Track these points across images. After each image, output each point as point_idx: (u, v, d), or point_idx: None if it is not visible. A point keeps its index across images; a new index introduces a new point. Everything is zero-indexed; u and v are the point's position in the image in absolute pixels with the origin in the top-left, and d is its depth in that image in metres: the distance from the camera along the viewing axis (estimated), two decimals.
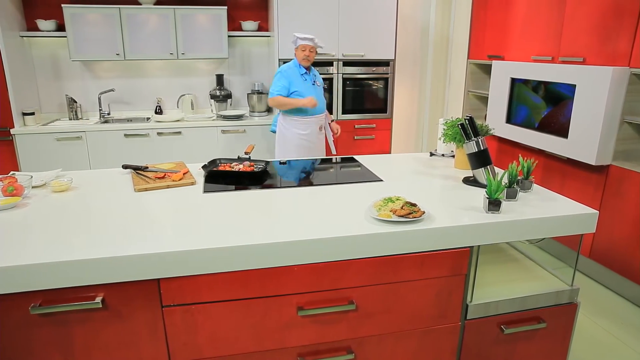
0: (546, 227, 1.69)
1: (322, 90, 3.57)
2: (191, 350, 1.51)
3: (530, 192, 1.96)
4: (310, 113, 3.44)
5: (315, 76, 3.55)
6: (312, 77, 3.51)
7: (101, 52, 3.99)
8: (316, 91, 3.48)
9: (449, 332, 1.73)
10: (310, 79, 3.49)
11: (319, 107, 3.47)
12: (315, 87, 3.49)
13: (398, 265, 1.59)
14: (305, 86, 3.42)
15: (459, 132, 2.17)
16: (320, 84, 3.56)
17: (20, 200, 1.82)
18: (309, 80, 3.46)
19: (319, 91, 3.52)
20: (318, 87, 3.52)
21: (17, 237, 1.48)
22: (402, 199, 1.73)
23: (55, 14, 4.01)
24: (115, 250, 1.38)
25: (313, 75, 3.53)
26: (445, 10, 4.97)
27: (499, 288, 1.85)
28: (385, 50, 4.36)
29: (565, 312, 1.86)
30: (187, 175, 2.15)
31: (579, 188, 3.05)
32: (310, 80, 3.47)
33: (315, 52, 3.44)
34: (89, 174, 2.24)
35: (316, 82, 3.51)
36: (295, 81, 3.39)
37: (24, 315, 1.36)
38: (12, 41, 3.75)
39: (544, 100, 3.20)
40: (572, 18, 2.98)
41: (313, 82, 3.49)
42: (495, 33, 3.79)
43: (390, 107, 4.56)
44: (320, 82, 3.58)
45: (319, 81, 3.56)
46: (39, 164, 3.78)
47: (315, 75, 3.56)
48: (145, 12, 3.97)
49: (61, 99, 4.28)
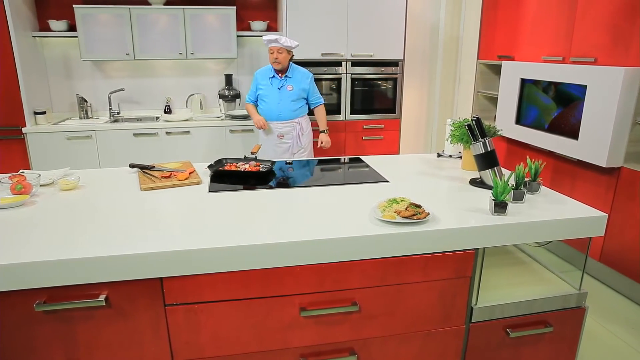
0: (553, 230, 1.66)
1: (292, 96, 3.33)
2: (193, 349, 1.52)
3: (537, 194, 1.94)
4: (269, 118, 3.33)
5: (288, 79, 3.31)
6: (284, 81, 3.31)
7: (111, 52, 4.02)
8: (279, 96, 3.29)
9: (453, 335, 1.72)
10: (279, 83, 3.30)
11: (277, 114, 3.30)
12: (281, 91, 3.29)
13: (402, 267, 1.58)
14: (269, 90, 3.29)
15: (466, 133, 2.15)
16: (292, 89, 3.32)
17: (28, 198, 1.84)
18: (275, 85, 3.30)
19: (285, 96, 3.31)
20: (289, 91, 3.31)
21: (23, 235, 1.49)
22: (406, 200, 1.71)
23: (66, 14, 4.06)
24: (119, 248, 1.39)
25: (286, 79, 3.31)
26: (455, 10, 4.94)
27: (505, 291, 1.83)
28: (394, 50, 4.34)
29: (572, 316, 1.83)
30: (193, 174, 2.16)
31: (589, 190, 3.01)
32: (277, 85, 3.30)
33: (287, 52, 3.24)
34: (97, 172, 2.26)
35: (287, 87, 3.30)
36: (262, 84, 3.32)
37: (29, 312, 1.38)
38: (24, 41, 3.80)
39: (554, 101, 3.16)
40: (583, 17, 2.94)
41: (280, 87, 3.29)
42: (505, 33, 3.75)
43: (399, 107, 4.54)
44: (296, 87, 3.33)
45: (292, 86, 3.32)
46: (50, 163, 3.82)
47: (290, 78, 3.32)
48: (155, 12, 4.00)
49: (72, 99, 4.33)
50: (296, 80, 3.35)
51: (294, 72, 3.36)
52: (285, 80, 3.32)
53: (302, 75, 3.38)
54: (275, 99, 3.30)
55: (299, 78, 3.35)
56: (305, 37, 4.12)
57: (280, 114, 3.32)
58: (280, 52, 3.21)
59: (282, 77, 3.31)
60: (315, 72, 4.23)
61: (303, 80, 3.37)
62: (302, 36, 4.11)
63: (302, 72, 3.40)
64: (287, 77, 3.32)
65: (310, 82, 3.42)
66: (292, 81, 3.34)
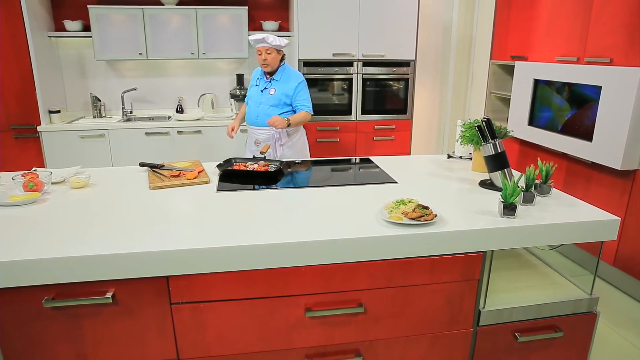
0: (563, 234, 1.63)
1: (272, 100, 2.97)
2: (199, 347, 1.52)
3: (549, 196, 1.91)
4: (249, 122, 3.09)
5: (274, 82, 2.99)
6: (268, 83, 3.00)
7: (125, 52, 4.07)
8: (260, 99, 3.00)
9: (460, 338, 1.70)
10: (263, 85, 3.01)
11: (255, 118, 3.01)
12: (263, 94, 2.99)
13: (409, 269, 1.57)
14: (254, 91, 3.05)
15: (476, 134, 2.12)
16: (273, 93, 2.97)
17: (40, 196, 1.87)
18: (260, 87, 3.02)
19: (265, 100, 2.98)
20: (270, 95, 2.97)
21: (34, 232, 1.51)
22: (414, 202, 1.70)
23: (81, 14, 4.11)
24: (126, 246, 1.40)
25: (271, 82, 3.00)
26: (469, 10, 4.89)
27: (514, 295, 1.80)
28: (406, 50, 4.32)
29: (583, 321, 1.80)
30: (202, 174, 2.17)
31: (603, 193, 2.95)
32: (262, 86, 3.01)
33: (277, 52, 2.93)
34: (107, 171, 2.29)
35: (269, 90, 2.97)
36: (252, 86, 3.10)
37: (38, 308, 1.40)
38: (40, 41, 3.86)
39: (568, 102, 3.11)
40: (598, 17, 2.89)
41: (264, 89, 3.00)
42: (518, 33, 3.71)
43: (411, 108, 4.51)
44: (279, 91, 2.97)
45: (275, 89, 2.97)
46: (64, 161, 3.88)
47: (277, 81, 2.99)
48: (167, 13, 4.04)
49: (86, 98, 4.39)
50: (282, 83, 2.99)
51: (283, 74, 3.01)
52: (271, 82, 3.01)
53: (290, 78, 3.01)
54: (255, 101, 3.02)
55: (285, 81, 2.99)
56: (317, 37, 4.12)
57: (258, 119, 3.01)
58: (269, 52, 2.91)
59: (268, 79, 3.02)
60: (326, 72, 4.24)
61: (289, 85, 2.99)
62: (313, 36, 4.12)
63: (292, 75, 3.02)
64: (274, 79, 3.00)
65: (298, 87, 3.00)
66: (278, 84, 2.99)
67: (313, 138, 4.37)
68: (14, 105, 3.83)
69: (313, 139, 4.37)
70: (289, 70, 3.05)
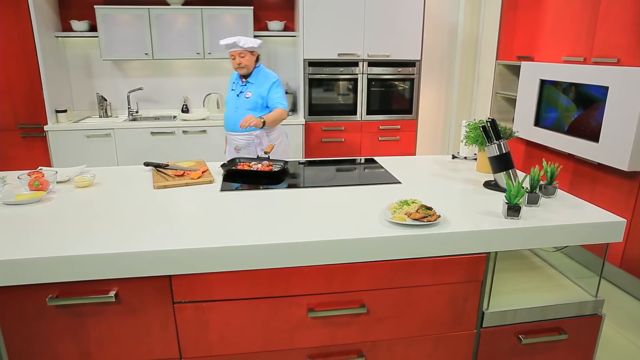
0: (568, 235, 1.62)
1: (248, 104, 2.90)
2: (201, 346, 1.53)
3: (554, 198, 1.89)
4: (227, 128, 3.02)
5: (249, 85, 2.91)
6: (244, 86, 2.92)
7: (131, 52, 4.09)
8: (236, 103, 2.93)
9: (463, 340, 1.69)
10: (239, 89, 2.93)
11: (233, 124, 2.92)
12: (239, 98, 2.92)
13: (411, 270, 1.56)
14: (230, 96, 2.98)
15: (481, 134, 2.11)
16: (249, 96, 2.90)
17: (45, 195, 1.88)
18: (236, 90, 2.96)
19: (241, 104, 2.91)
20: (246, 99, 2.90)
21: (38, 231, 1.52)
22: (417, 202, 1.69)
23: (88, 14, 4.14)
24: (129, 246, 1.41)
25: (246, 85, 2.92)
26: (475, 10, 4.87)
27: (518, 296, 1.79)
28: (412, 50, 4.31)
29: (588, 324, 1.78)
30: (206, 173, 2.18)
31: (610, 195, 2.93)
32: (237, 91, 2.94)
33: (251, 53, 2.85)
34: (112, 170, 2.30)
35: (245, 94, 2.90)
36: (229, 90, 3.02)
37: (42, 306, 1.41)
38: (47, 41, 3.89)
39: (575, 102, 3.09)
40: (606, 17, 2.86)
41: (239, 93, 2.92)
42: (525, 33, 3.68)
43: (416, 108, 4.50)
44: (254, 93, 2.89)
45: (251, 92, 2.90)
46: (70, 160, 3.90)
47: (252, 84, 2.91)
48: (173, 13, 4.05)
49: (92, 97, 4.41)
50: (257, 86, 2.91)
51: (258, 76, 2.92)
52: (246, 85, 2.92)
53: (264, 79, 2.92)
54: (232, 106, 2.95)
55: (260, 83, 2.91)
56: (322, 37, 4.12)
57: (235, 125, 2.91)
58: (243, 55, 2.82)
59: (243, 82, 2.93)
60: (331, 73, 4.24)
61: (264, 86, 2.90)
62: (318, 36, 4.11)
63: (266, 76, 2.94)
64: (249, 82, 2.92)
65: (272, 86, 2.91)
66: (253, 87, 2.91)
67: (318, 138, 4.37)
68: (21, 105, 3.86)
69: (318, 139, 4.37)
70: (264, 72, 2.97)
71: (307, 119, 4.32)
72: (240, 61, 2.83)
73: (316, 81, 4.27)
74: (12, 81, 3.80)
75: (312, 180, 2.19)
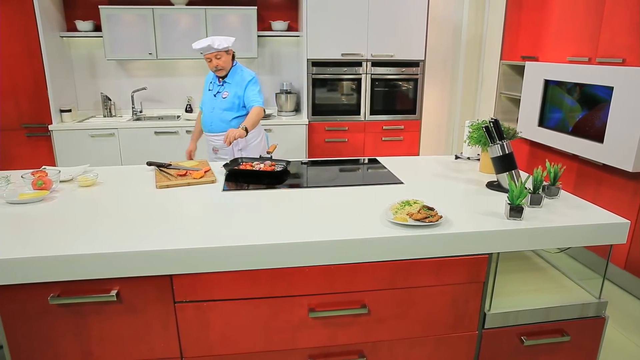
0: (571, 236, 1.61)
1: (225, 104, 2.82)
2: (202, 346, 1.53)
3: (557, 198, 1.88)
4: (204, 129, 2.95)
5: (226, 85, 2.83)
6: (220, 86, 2.85)
7: (135, 52, 4.10)
8: (213, 104, 2.86)
9: (465, 341, 1.68)
10: (216, 89, 2.86)
11: (210, 124, 2.87)
12: (216, 98, 2.85)
13: (413, 270, 1.56)
14: (207, 96, 2.91)
15: (484, 135, 2.10)
16: (226, 96, 2.82)
17: (48, 194, 1.89)
18: (213, 90, 2.88)
19: (218, 104, 2.84)
20: (223, 99, 2.83)
21: (41, 230, 1.53)
22: (419, 203, 1.69)
23: (92, 14, 4.16)
24: (130, 245, 1.41)
25: (223, 85, 2.84)
26: (479, 10, 4.85)
27: (520, 297, 1.78)
28: (415, 50, 4.30)
29: (591, 326, 1.77)
30: (208, 173, 2.18)
31: (614, 196, 2.91)
32: (214, 90, 2.87)
33: (226, 53, 2.76)
34: (115, 169, 2.31)
35: (222, 94, 2.82)
36: (205, 91, 2.95)
37: (44, 305, 1.41)
38: (52, 41, 3.91)
39: (579, 103, 3.07)
40: (611, 17, 2.84)
41: (216, 93, 2.85)
42: (529, 33, 3.67)
43: (420, 108, 4.49)
44: (231, 93, 2.81)
45: (228, 92, 2.82)
46: (74, 159, 3.92)
47: (229, 84, 2.83)
48: (177, 13, 4.06)
49: (97, 97, 4.43)
50: (234, 85, 2.83)
51: (235, 75, 2.85)
52: (223, 85, 2.85)
53: (241, 78, 2.84)
54: (209, 106, 2.88)
55: (237, 82, 2.84)
56: (326, 37, 4.12)
57: (212, 125, 2.87)
58: (219, 57, 2.73)
59: (220, 82, 2.85)
60: (335, 73, 4.23)
61: (240, 85, 2.82)
62: (322, 36, 4.11)
63: (243, 74, 2.86)
64: (226, 82, 2.84)
65: (247, 85, 2.83)
66: (230, 87, 2.83)
67: (321, 138, 4.37)
68: (26, 104, 3.88)
69: (321, 139, 4.37)
70: (241, 70, 2.88)
71: (311, 119, 4.32)
72: (217, 63, 2.75)
73: (320, 81, 4.27)
74: (17, 81, 3.82)
75: (314, 180, 2.19)
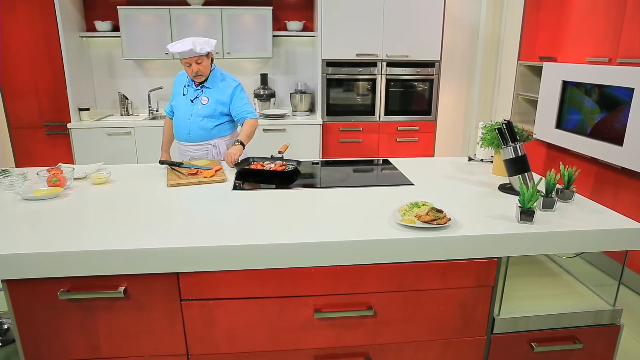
0: (583, 242, 1.57)
1: (205, 111, 2.57)
2: (208, 344, 1.54)
3: (571, 202, 1.84)
4: (179, 138, 2.69)
5: (206, 90, 2.58)
6: (199, 91, 2.59)
7: (152, 52, 4.16)
8: (190, 110, 2.58)
9: (473, 346, 1.66)
10: (193, 94, 2.60)
11: (187, 133, 2.61)
12: (194, 104, 2.58)
13: (420, 273, 1.54)
14: (181, 101, 2.63)
15: (496, 136, 2.07)
16: (206, 102, 2.57)
17: (62, 191, 1.92)
18: (189, 95, 2.61)
19: (197, 111, 2.58)
20: (202, 105, 2.57)
21: (52, 226, 1.56)
22: (428, 205, 1.67)
23: (111, 15, 4.23)
24: (138, 242, 1.43)
25: (202, 90, 2.59)
26: (497, 9, 4.78)
27: (531, 303, 1.74)
28: (431, 50, 4.25)
29: (605, 333, 1.73)
30: (219, 172, 2.19)
31: (634, 200, 2.83)
32: (191, 95, 2.60)
33: (207, 57, 2.51)
34: (128, 168, 2.34)
35: (201, 99, 2.56)
36: (177, 95, 2.68)
37: (53, 300, 1.44)
38: (72, 42, 3.99)
39: (598, 104, 3.00)
40: (633, 16, 2.77)
41: (194, 98, 2.58)
42: (548, 33, 3.60)
43: (435, 109, 4.44)
44: (212, 99, 2.57)
45: (207, 98, 2.57)
46: (92, 157, 3.99)
47: (209, 89, 2.59)
48: (193, 13, 4.10)
49: (114, 96, 4.50)
50: (215, 91, 2.59)
51: (216, 80, 2.61)
52: (202, 90, 2.60)
53: (225, 84, 2.61)
54: (185, 113, 2.60)
55: (219, 88, 2.60)
56: (341, 37, 4.11)
57: (190, 134, 2.60)
58: (199, 61, 2.49)
59: (198, 86, 2.60)
60: (350, 73, 4.22)
61: (224, 92, 2.59)
62: (337, 36, 4.10)
63: (225, 79, 2.64)
64: (205, 86, 2.59)
65: (235, 92, 2.61)
66: (210, 92, 2.59)
67: (335, 138, 4.36)
68: (46, 103, 3.98)
69: (335, 139, 4.36)
70: (221, 75, 2.65)
71: (325, 119, 4.31)
72: (198, 68, 2.49)
73: (334, 81, 4.26)
74: (38, 80, 3.91)
75: (324, 181, 2.18)
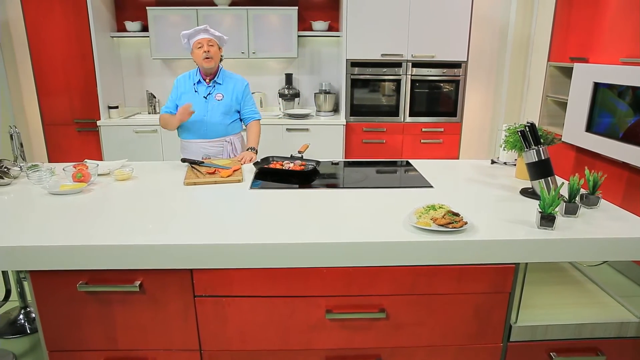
0: (606, 250, 1.51)
1: (222, 107, 2.62)
2: (220, 340, 1.56)
3: (596, 208, 1.77)
4: (191, 136, 2.67)
5: (218, 86, 2.63)
6: (211, 88, 2.62)
7: (179, 51, 4.23)
8: (206, 107, 2.60)
9: (488, 353, 1.62)
10: (206, 91, 2.61)
11: (204, 130, 2.63)
12: (208, 101, 2.60)
13: (434, 277, 1.51)
14: (193, 99, 2.59)
15: (519, 139, 2.01)
16: (221, 98, 2.61)
17: (86, 186, 1.98)
18: (201, 92, 2.61)
19: (213, 107, 2.61)
20: (218, 101, 2.60)
21: (75, 220, 1.61)
22: (445, 207, 1.64)
23: (141, 15, 4.33)
24: (154, 238, 1.45)
25: (214, 86, 2.62)
26: (527, 9, 4.65)
27: (552, 311, 1.69)
28: (458, 51, 4.18)
29: (630, 346, 1.66)
30: (237, 172, 2.21)
31: None
32: (203, 92, 2.61)
33: (218, 47, 2.59)
34: (151, 165, 2.39)
35: (216, 96, 2.60)
36: (185, 93, 2.64)
37: (72, 291, 1.48)
38: (103, 41, 4.12)
39: (632, 107, 2.88)
40: None
41: (207, 95, 2.60)
42: (579, 33, 3.48)
43: (461, 111, 4.37)
44: (227, 95, 2.63)
45: (222, 94, 2.62)
46: (119, 154, 4.10)
47: (220, 85, 2.63)
48: (220, 13, 4.16)
49: (142, 95, 4.61)
50: (228, 87, 2.64)
51: (225, 77, 2.66)
52: (214, 87, 2.63)
53: (235, 81, 2.68)
54: (200, 110, 2.59)
55: (231, 85, 2.66)
56: (366, 37, 4.09)
57: (207, 131, 2.63)
58: (212, 44, 2.52)
59: (209, 83, 2.62)
60: (374, 73, 4.19)
61: (237, 88, 2.66)
62: (362, 36, 4.09)
63: (235, 77, 2.70)
64: (217, 82, 2.63)
65: (246, 91, 2.71)
66: (223, 88, 2.63)
67: (359, 139, 4.34)
68: (77, 101, 4.11)
69: (359, 140, 4.34)
70: (230, 74, 2.71)
71: (349, 120, 4.30)
72: (209, 49, 2.51)
73: (359, 82, 4.25)
74: (70, 79, 4.05)
75: (342, 181, 2.18)
